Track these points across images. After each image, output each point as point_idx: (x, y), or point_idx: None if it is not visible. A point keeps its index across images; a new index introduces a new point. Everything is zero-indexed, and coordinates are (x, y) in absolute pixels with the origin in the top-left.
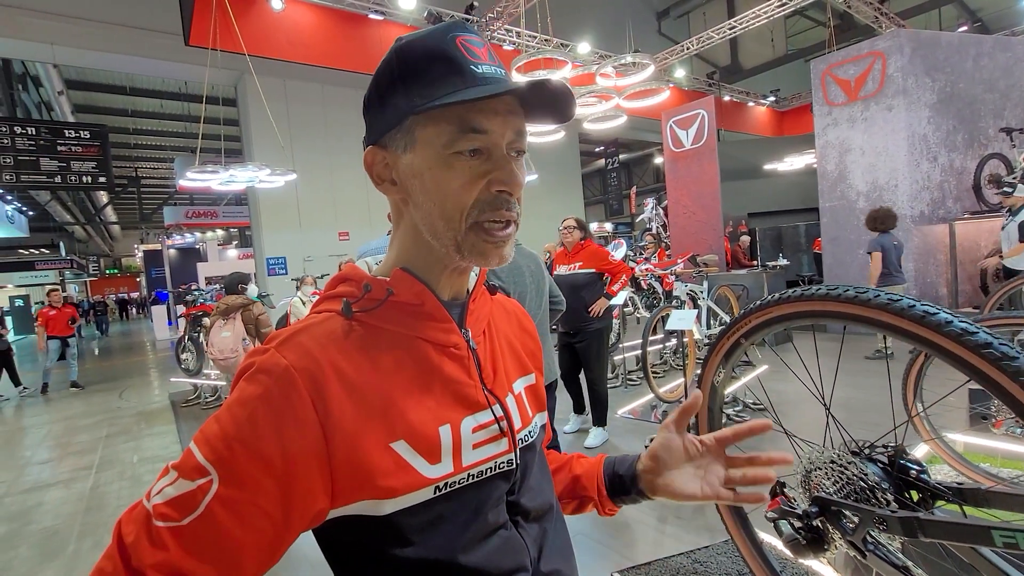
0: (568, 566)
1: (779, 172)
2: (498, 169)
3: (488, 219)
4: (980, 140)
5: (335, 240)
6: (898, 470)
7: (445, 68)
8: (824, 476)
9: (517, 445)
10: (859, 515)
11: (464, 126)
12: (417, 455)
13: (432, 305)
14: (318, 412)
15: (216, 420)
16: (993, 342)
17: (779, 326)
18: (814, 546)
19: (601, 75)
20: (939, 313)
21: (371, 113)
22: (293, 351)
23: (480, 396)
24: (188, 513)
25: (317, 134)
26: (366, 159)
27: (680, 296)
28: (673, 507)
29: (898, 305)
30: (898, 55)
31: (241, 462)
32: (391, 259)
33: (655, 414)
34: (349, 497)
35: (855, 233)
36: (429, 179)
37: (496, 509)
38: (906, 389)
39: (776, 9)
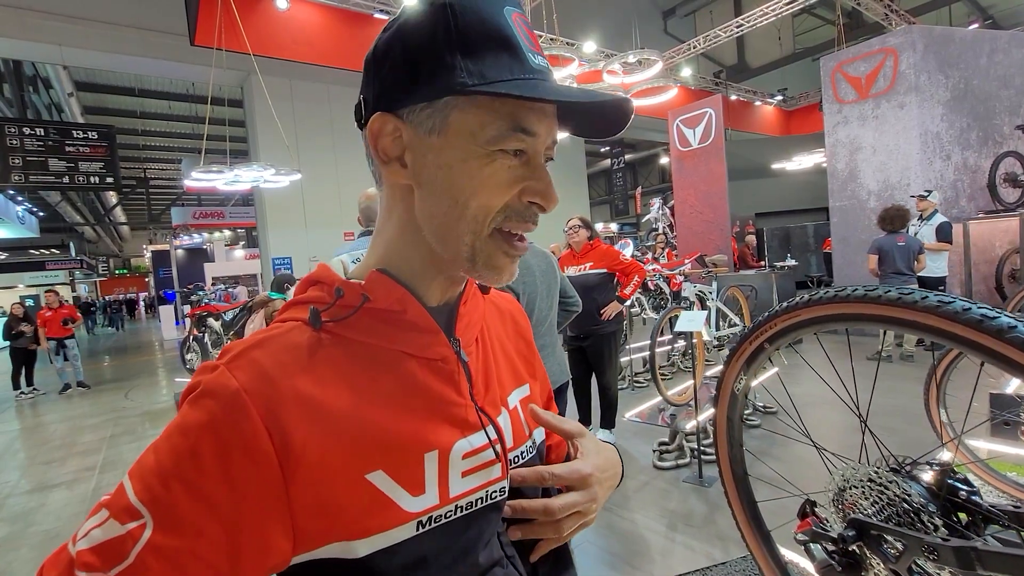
0: None
1: (787, 172)
2: (536, 179)
3: (511, 228)
4: (995, 138)
5: (340, 240)
6: (946, 491)
7: (502, 48)
8: (860, 495)
9: (509, 470)
10: (905, 542)
11: (516, 124)
12: (397, 487)
13: (415, 312)
14: (274, 443)
15: (154, 451)
16: None
17: (809, 330)
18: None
19: (608, 72)
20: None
21: (386, 72)
22: (245, 370)
23: (472, 416)
24: (116, 563)
25: (322, 134)
26: (372, 127)
27: (689, 297)
28: (683, 515)
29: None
30: (911, 52)
31: (180, 504)
32: (372, 259)
33: (662, 417)
34: (316, 540)
35: (866, 233)
36: (459, 173)
37: (489, 547)
38: (928, 395)
39: (784, 7)
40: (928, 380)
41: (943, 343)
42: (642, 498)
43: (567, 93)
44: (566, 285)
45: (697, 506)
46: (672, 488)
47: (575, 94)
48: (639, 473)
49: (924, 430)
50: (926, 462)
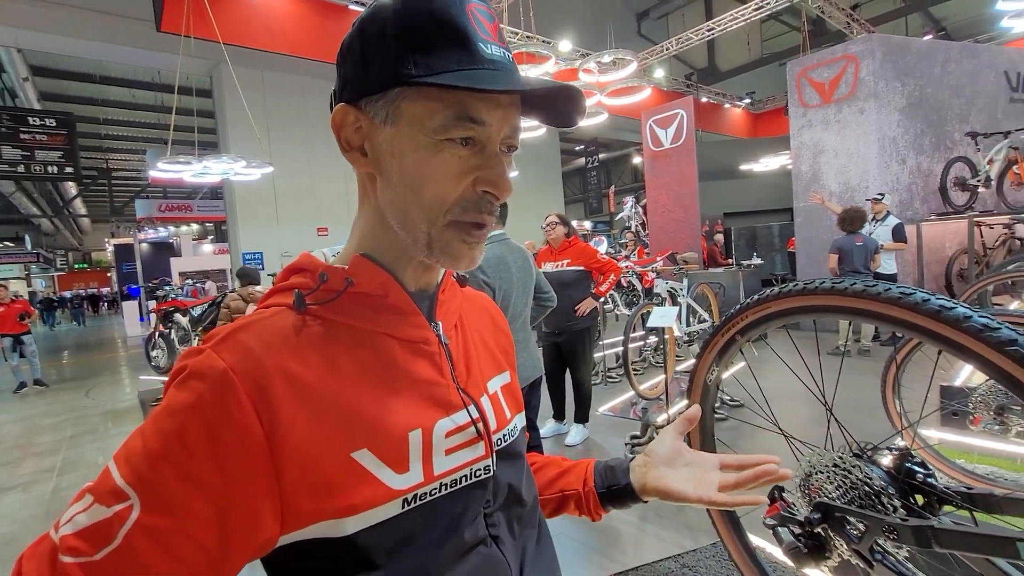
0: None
1: (754, 173)
2: (488, 168)
3: (468, 219)
4: (946, 144)
5: (314, 235)
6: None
7: (451, 38)
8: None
9: (493, 449)
10: (866, 523)
11: (462, 113)
12: (382, 465)
13: (397, 296)
14: (262, 422)
15: (140, 434)
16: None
17: (778, 321)
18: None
19: (584, 70)
20: (956, 308)
21: (348, 66)
22: (232, 351)
23: (454, 396)
24: (103, 546)
25: (295, 127)
26: (335, 119)
27: (661, 293)
28: (654, 506)
29: (912, 299)
30: (870, 59)
31: (167, 483)
32: (351, 245)
33: (634, 411)
34: (304, 519)
35: (827, 233)
36: (410, 162)
37: (473, 524)
38: (885, 387)
39: (752, 13)
40: (885, 373)
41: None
42: None
43: (512, 82)
44: (541, 280)
45: None
46: None
47: (519, 82)
48: None
49: (880, 420)
50: (886, 447)
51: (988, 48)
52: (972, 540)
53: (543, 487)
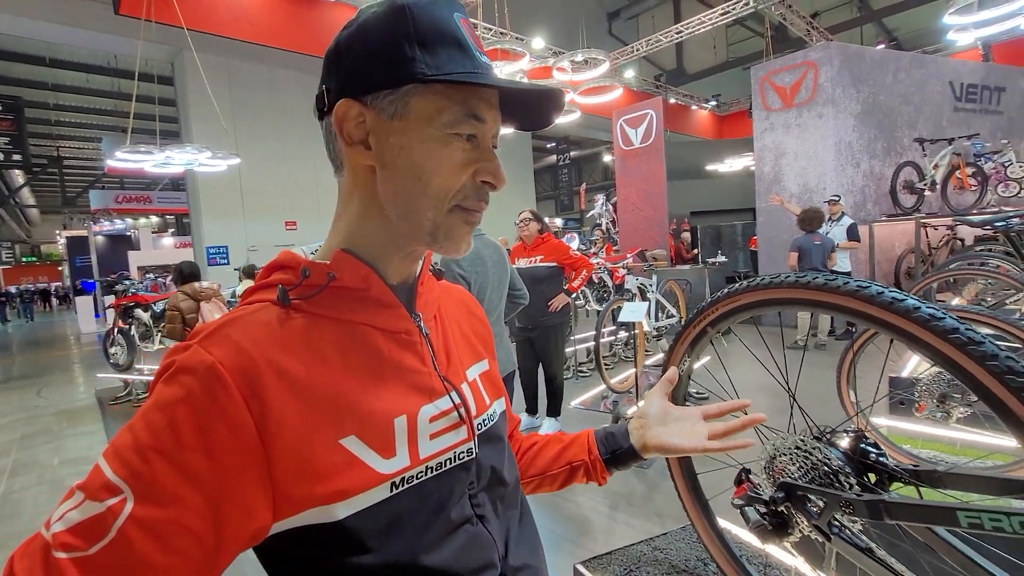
0: (537, 559)
1: (719, 173)
2: (486, 161)
3: (468, 205)
4: (896, 148)
5: (282, 229)
6: (859, 454)
7: (453, 46)
8: (788, 462)
9: (475, 432)
10: (825, 499)
11: (468, 110)
12: (370, 450)
13: (379, 289)
14: (252, 414)
15: (129, 430)
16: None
17: (746, 313)
18: (779, 531)
19: (558, 69)
20: (907, 299)
21: (349, 62)
22: (220, 346)
23: (436, 383)
24: (96, 540)
25: (263, 118)
26: (339, 111)
27: (631, 289)
28: (624, 495)
29: (868, 292)
30: (828, 66)
31: (160, 475)
32: (334, 240)
33: (605, 404)
34: (296, 506)
35: (787, 232)
36: (421, 154)
37: (459, 504)
38: (840, 378)
39: (718, 18)
40: (840, 365)
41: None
42: None
43: (510, 82)
44: (515, 277)
45: (637, 487)
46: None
47: (516, 83)
48: None
49: (836, 409)
50: (843, 431)
51: (935, 59)
52: (918, 511)
53: (550, 462)
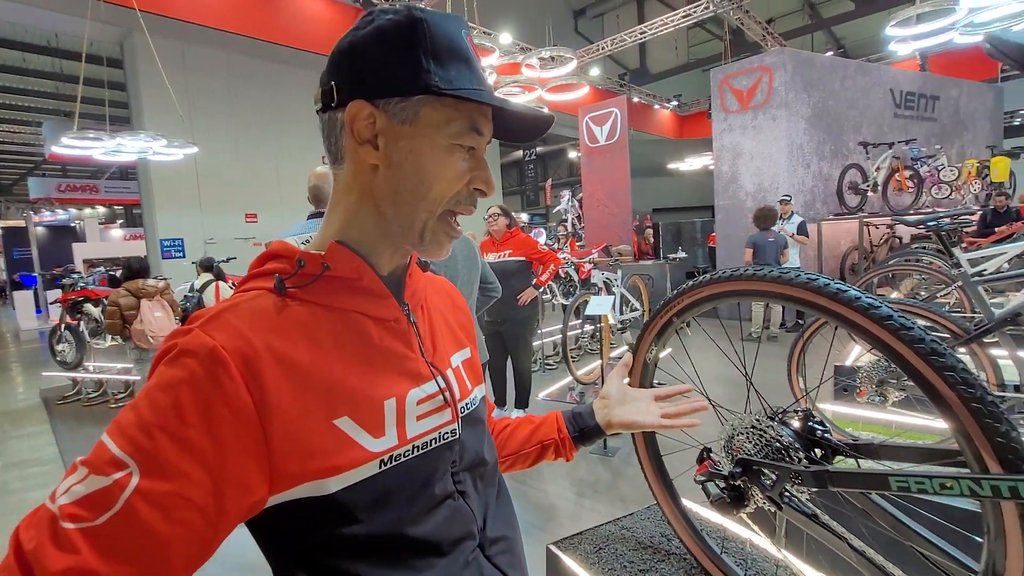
0: (513, 531)
1: (680, 172)
2: (481, 170)
3: (459, 209)
4: (843, 151)
5: (241, 222)
6: (807, 432)
7: (462, 62)
8: (745, 440)
9: (459, 415)
10: (777, 472)
11: (472, 124)
12: (361, 430)
13: (370, 279)
14: (252, 394)
15: (132, 409)
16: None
17: (709, 304)
18: (737, 503)
19: (527, 66)
20: (849, 291)
21: (365, 64)
22: (221, 330)
23: (423, 368)
24: (103, 511)
25: (222, 106)
26: (351, 110)
27: (597, 283)
28: (590, 482)
29: (816, 283)
30: (782, 71)
31: (165, 451)
32: (329, 231)
33: (571, 395)
34: (291, 481)
35: (743, 230)
36: (428, 159)
37: (442, 480)
38: (790, 366)
39: (680, 20)
40: (790, 354)
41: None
42: (553, 470)
43: (512, 104)
44: (487, 271)
45: (603, 474)
46: (580, 460)
47: (517, 106)
48: None
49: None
50: (794, 411)
51: (878, 67)
52: (856, 478)
53: (523, 442)
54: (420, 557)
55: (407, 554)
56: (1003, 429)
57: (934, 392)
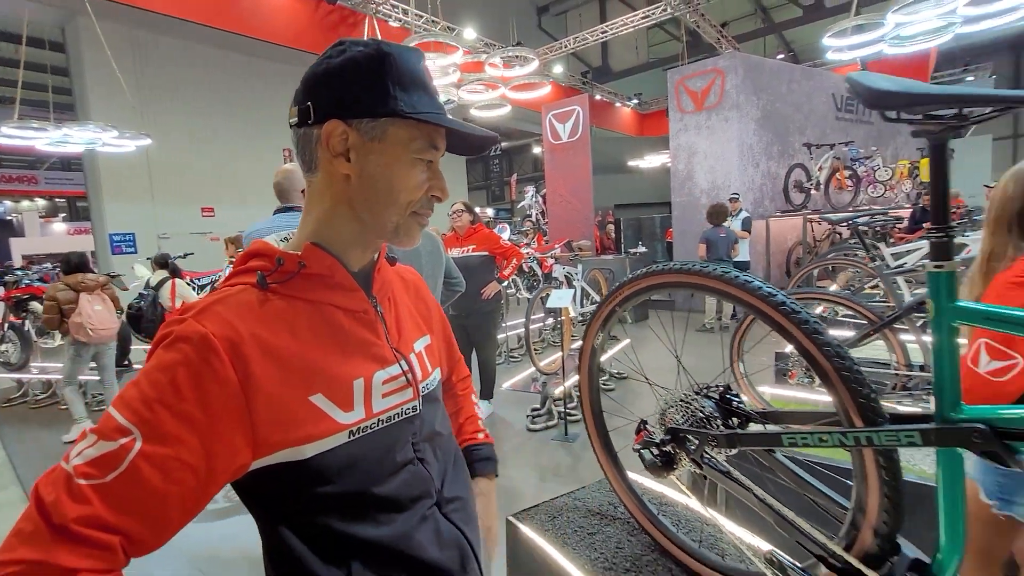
0: (467, 493)
1: (640, 169)
2: (438, 180)
3: (421, 211)
4: (789, 152)
5: (198, 216)
6: (724, 403)
7: (422, 89)
8: (675, 412)
9: (420, 394)
10: (698, 438)
11: (431, 141)
12: (333, 405)
13: (342, 276)
14: (238, 374)
15: (135, 385)
16: (787, 301)
17: (644, 295)
18: (667, 466)
19: (490, 65)
20: (753, 281)
21: (340, 89)
22: (211, 320)
23: (388, 353)
24: (111, 470)
25: (175, 95)
26: (327, 128)
27: (559, 277)
28: (551, 467)
29: (728, 276)
30: (734, 74)
31: (164, 421)
32: (305, 233)
33: (535, 386)
34: (272, 447)
35: (698, 226)
36: (396, 171)
37: (404, 449)
38: (732, 351)
39: (640, 21)
40: (731, 342)
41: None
42: (517, 458)
43: (463, 125)
44: (451, 266)
45: (563, 459)
46: (543, 446)
47: (467, 126)
48: (514, 436)
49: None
50: (716, 385)
51: (821, 72)
52: (758, 438)
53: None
54: (383, 512)
55: (373, 509)
56: (865, 392)
57: (817, 364)
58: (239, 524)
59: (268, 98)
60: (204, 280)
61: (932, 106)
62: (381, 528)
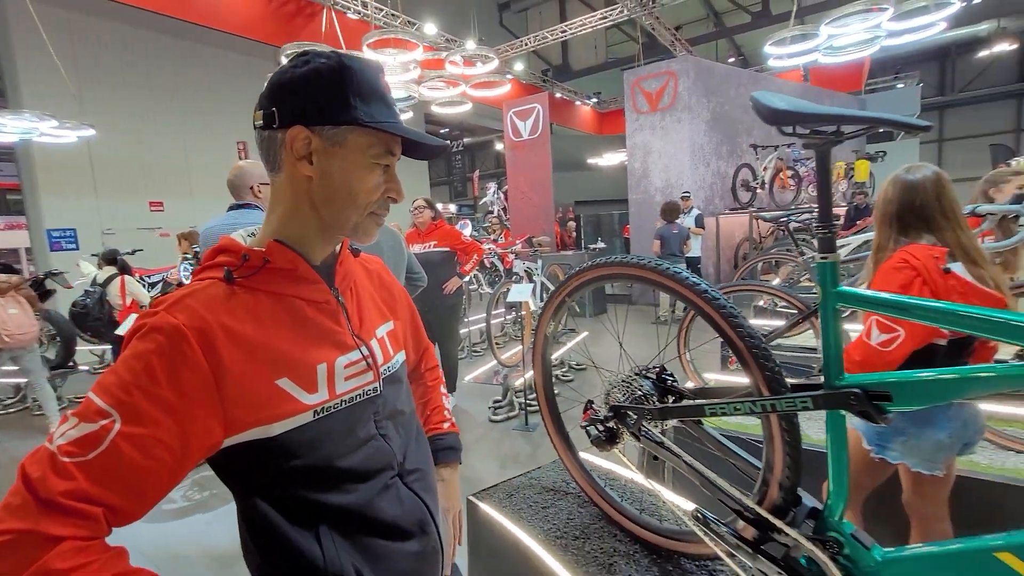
0: (428, 466)
1: (599, 166)
2: (394, 182)
3: (378, 211)
4: (737, 152)
5: (145, 211)
6: (660, 382)
7: (380, 100)
8: (618, 392)
9: (381, 376)
10: (636, 413)
11: (388, 148)
12: (298, 388)
13: (304, 269)
14: (208, 361)
15: (113, 372)
16: (708, 289)
17: (590, 287)
18: (610, 441)
19: (450, 62)
20: (681, 273)
21: (304, 97)
22: (182, 312)
23: (349, 340)
24: (93, 449)
25: (119, 84)
26: (292, 133)
27: (519, 272)
28: (512, 456)
29: (660, 267)
30: (686, 77)
31: (140, 404)
32: (268, 230)
33: (496, 378)
34: (242, 427)
35: (653, 222)
36: (354, 175)
37: (366, 426)
38: (679, 340)
39: (598, 21)
40: (679, 332)
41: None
42: (479, 448)
43: (416, 134)
44: (412, 262)
45: (524, 448)
46: (504, 437)
47: (420, 135)
48: (477, 427)
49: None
50: (653, 367)
51: (766, 77)
52: (684, 410)
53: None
54: (348, 482)
55: (338, 480)
56: (771, 366)
57: (734, 344)
58: (197, 523)
59: (221, 89)
60: (155, 277)
61: (816, 123)
62: (346, 496)
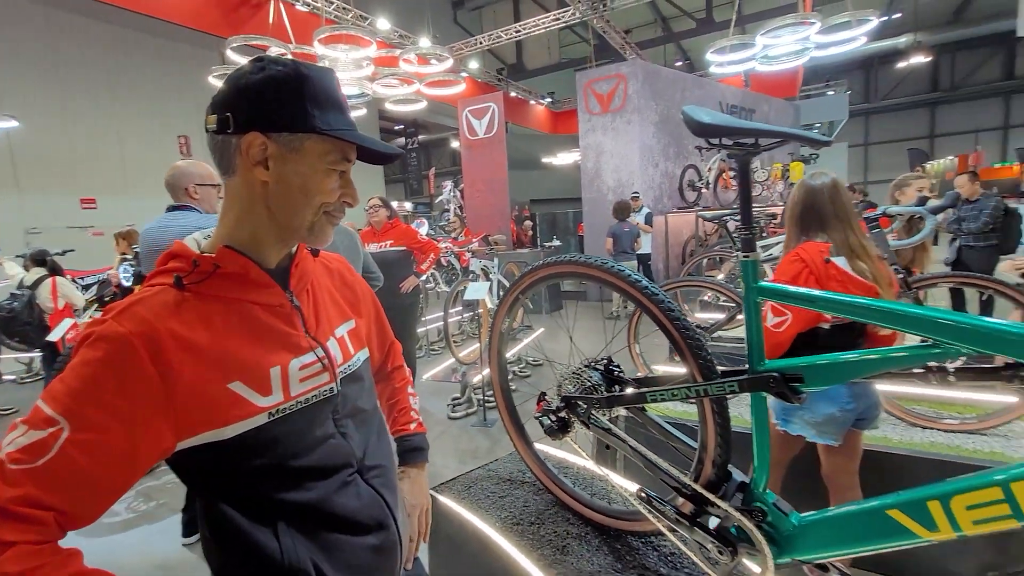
0: (389, 461)
1: (554, 165)
2: (349, 187)
3: (333, 212)
4: (684, 154)
5: (76, 208)
6: (608, 372)
7: (336, 108)
8: (569, 383)
9: (338, 376)
10: (586, 403)
11: (344, 155)
12: (252, 391)
13: (256, 274)
14: (157, 368)
15: (61, 381)
16: (642, 281)
17: (542, 284)
18: (562, 429)
19: (404, 60)
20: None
21: (261, 104)
22: (130, 320)
23: (304, 342)
24: (41, 456)
25: (39, 71)
26: (248, 139)
27: (475, 271)
28: (470, 451)
29: (605, 265)
30: (635, 80)
31: (88, 411)
32: (221, 235)
33: (455, 376)
34: (195, 430)
35: (606, 221)
36: (311, 179)
37: (324, 425)
38: (628, 333)
39: (551, 22)
40: (628, 327)
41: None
42: (439, 445)
43: (371, 141)
44: (368, 261)
45: (482, 443)
46: (463, 433)
47: (375, 143)
48: (436, 425)
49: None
50: (601, 359)
51: (709, 82)
52: (627, 397)
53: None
54: (306, 480)
55: (295, 477)
56: (704, 355)
57: (670, 335)
58: (143, 533)
59: (161, 78)
60: (89, 279)
61: (737, 136)
62: (304, 493)
